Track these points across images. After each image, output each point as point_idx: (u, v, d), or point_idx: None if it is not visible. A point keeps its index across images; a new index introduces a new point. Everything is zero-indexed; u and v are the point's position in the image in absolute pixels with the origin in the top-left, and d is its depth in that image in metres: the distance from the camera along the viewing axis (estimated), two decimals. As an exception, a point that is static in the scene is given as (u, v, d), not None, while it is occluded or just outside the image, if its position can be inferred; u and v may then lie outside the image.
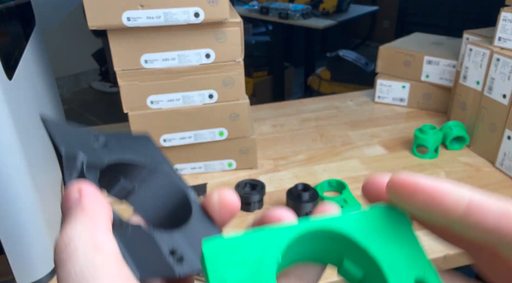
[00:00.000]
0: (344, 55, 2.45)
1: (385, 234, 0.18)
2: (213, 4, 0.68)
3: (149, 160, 0.22)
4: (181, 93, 0.75)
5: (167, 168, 0.23)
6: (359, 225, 0.18)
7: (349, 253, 0.19)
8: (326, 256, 0.20)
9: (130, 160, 0.22)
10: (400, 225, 0.19)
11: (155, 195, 0.23)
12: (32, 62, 0.73)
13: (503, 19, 0.81)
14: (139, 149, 0.23)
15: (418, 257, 0.18)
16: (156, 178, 0.23)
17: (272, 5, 2.42)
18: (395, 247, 0.18)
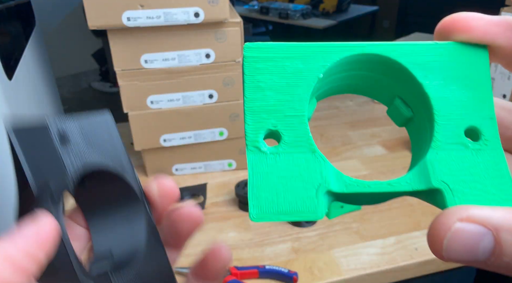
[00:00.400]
0: (344, 55, 2.44)
1: (452, 72, 0.16)
2: (213, 4, 0.68)
3: (113, 163, 0.20)
4: (181, 93, 0.75)
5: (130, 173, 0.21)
6: (424, 57, 0.16)
7: (403, 89, 0.17)
8: (378, 90, 0.19)
9: (96, 167, 0.20)
10: (475, 65, 0.16)
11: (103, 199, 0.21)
12: (32, 62, 0.73)
13: (503, 19, 0.81)
14: (101, 143, 0.20)
15: (481, 104, 0.16)
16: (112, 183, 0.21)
17: (272, 5, 2.42)
18: (458, 89, 0.16)
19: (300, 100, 0.16)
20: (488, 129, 0.16)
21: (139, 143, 0.78)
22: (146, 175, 0.83)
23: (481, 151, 0.16)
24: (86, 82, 3.09)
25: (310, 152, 0.16)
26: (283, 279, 0.58)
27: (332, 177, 0.16)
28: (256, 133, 0.16)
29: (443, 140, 0.16)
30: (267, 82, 0.16)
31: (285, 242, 0.65)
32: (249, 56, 0.16)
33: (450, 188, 0.15)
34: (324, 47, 0.16)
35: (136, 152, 0.89)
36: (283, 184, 0.15)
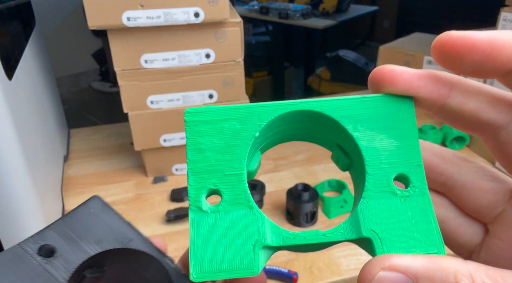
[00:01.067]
0: (344, 55, 2.44)
1: (381, 123, 0.17)
2: (213, 4, 0.68)
3: (113, 242, 0.19)
4: (181, 93, 0.75)
5: (137, 240, 0.20)
6: (353, 111, 0.17)
7: (339, 138, 0.18)
8: (319, 139, 0.20)
9: (93, 260, 0.19)
10: (402, 115, 0.17)
11: (129, 273, 0.20)
12: (32, 62, 0.73)
13: (503, 19, 0.81)
14: (96, 230, 0.19)
15: (408, 152, 0.17)
16: (127, 258, 0.20)
17: (272, 5, 2.41)
18: (387, 138, 0.17)
19: (238, 159, 0.17)
20: (416, 176, 0.16)
21: (139, 143, 0.78)
22: (146, 175, 0.83)
23: (409, 198, 0.16)
24: (86, 82, 3.09)
25: (248, 208, 0.16)
26: (283, 279, 0.58)
27: (269, 231, 0.16)
28: (198, 193, 0.16)
29: (373, 189, 0.16)
30: (207, 144, 0.17)
31: (285, 242, 0.65)
32: (190, 120, 0.17)
33: (379, 236, 0.16)
34: (259, 107, 0.17)
35: (136, 152, 0.89)
36: (222, 242, 0.16)
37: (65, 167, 0.87)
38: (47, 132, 0.74)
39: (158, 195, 0.78)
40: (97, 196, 0.21)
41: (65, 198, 0.77)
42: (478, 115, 0.17)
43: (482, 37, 0.15)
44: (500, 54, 0.15)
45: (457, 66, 0.16)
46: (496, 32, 0.15)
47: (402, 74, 0.17)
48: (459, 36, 0.15)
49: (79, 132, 1.03)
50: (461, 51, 0.15)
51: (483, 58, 0.15)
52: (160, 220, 0.71)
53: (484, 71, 0.15)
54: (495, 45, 0.15)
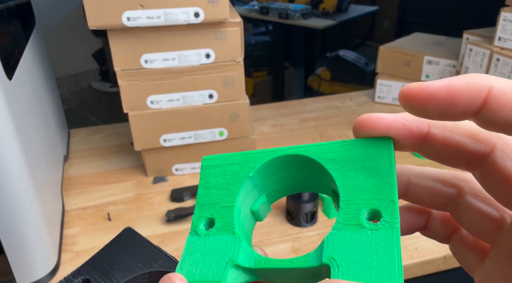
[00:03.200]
0: (344, 55, 2.44)
1: (360, 163, 0.18)
2: (213, 4, 0.68)
3: (142, 267, 0.22)
4: (181, 93, 0.75)
5: (164, 261, 0.23)
6: (334, 153, 0.19)
7: (331, 182, 0.20)
8: (315, 186, 0.21)
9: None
10: (380, 155, 0.18)
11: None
12: (32, 62, 0.73)
13: (503, 19, 0.81)
14: (127, 258, 0.22)
15: (384, 189, 0.18)
16: (158, 278, 0.22)
17: (272, 5, 2.41)
18: (364, 177, 0.18)
19: (233, 194, 0.20)
20: (388, 211, 0.17)
21: (139, 143, 0.78)
22: (146, 175, 0.83)
23: (377, 231, 0.17)
24: (86, 82, 3.09)
25: (231, 233, 0.19)
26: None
27: (243, 254, 0.18)
28: (198, 220, 0.20)
29: (342, 222, 0.17)
30: (213, 183, 0.21)
31: (285, 242, 0.65)
32: (204, 165, 0.21)
33: (337, 264, 0.16)
34: (256, 153, 0.20)
35: (136, 152, 0.89)
36: (204, 259, 0.19)
37: (65, 167, 0.87)
38: (47, 132, 0.74)
39: (158, 195, 0.78)
40: (128, 228, 0.24)
41: (65, 198, 0.77)
42: (458, 149, 0.17)
43: (439, 87, 0.15)
44: (459, 102, 0.15)
45: (424, 115, 0.16)
46: (453, 78, 0.15)
47: (380, 119, 0.18)
48: (417, 88, 0.16)
49: (79, 132, 1.03)
50: (423, 103, 0.16)
51: (444, 106, 0.15)
52: (160, 220, 0.71)
53: (450, 116, 0.16)
54: (452, 93, 0.15)
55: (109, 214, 0.72)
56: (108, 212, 0.73)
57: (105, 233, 0.68)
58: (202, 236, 0.19)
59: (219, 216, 0.20)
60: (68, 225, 0.71)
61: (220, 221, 0.20)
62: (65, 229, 0.70)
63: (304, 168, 0.20)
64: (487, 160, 0.17)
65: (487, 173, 0.17)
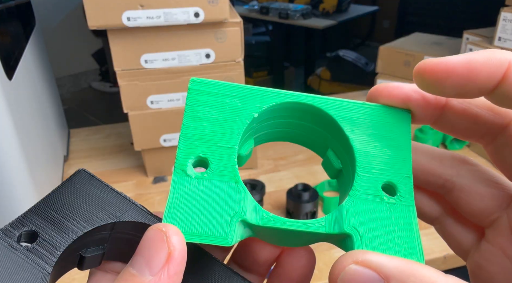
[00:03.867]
0: (344, 55, 2.44)
1: (377, 131, 0.18)
2: (213, 4, 0.68)
3: (105, 217, 0.17)
4: (181, 93, 0.75)
5: (131, 210, 0.18)
6: (353, 113, 0.18)
7: (333, 141, 0.19)
8: (313, 141, 0.20)
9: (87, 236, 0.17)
10: (398, 127, 0.18)
11: (132, 247, 0.17)
12: (32, 62, 0.73)
13: (503, 19, 0.81)
14: (84, 206, 0.17)
15: (401, 163, 0.17)
16: (123, 230, 0.18)
17: (272, 5, 2.41)
18: (381, 146, 0.17)
19: (233, 134, 0.17)
20: (404, 187, 0.17)
21: (139, 143, 0.78)
22: (146, 175, 0.83)
23: (395, 205, 0.17)
24: (86, 82, 3.09)
25: (234, 182, 0.16)
26: (283, 279, 0.58)
27: (249, 209, 0.16)
28: (185, 157, 0.17)
29: (361, 190, 0.17)
30: (205, 114, 0.17)
31: (285, 242, 0.65)
32: (193, 88, 0.18)
33: (360, 234, 0.16)
34: (262, 90, 0.18)
35: (136, 152, 0.89)
36: (200, 208, 0.16)
37: (65, 167, 0.87)
38: (47, 132, 0.74)
39: (158, 195, 0.78)
40: (82, 169, 0.18)
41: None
42: (476, 121, 0.17)
43: (458, 61, 0.15)
44: (478, 76, 0.15)
45: (440, 91, 0.16)
46: (472, 54, 0.15)
47: (398, 89, 0.18)
48: (436, 63, 0.15)
49: (79, 132, 1.03)
50: (441, 77, 0.15)
51: (462, 81, 0.15)
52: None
53: (466, 93, 0.16)
54: (472, 67, 0.15)
55: (109, 214, 0.72)
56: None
57: (105, 233, 0.68)
58: (193, 178, 0.16)
59: (215, 157, 0.17)
60: (68, 225, 0.71)
61: (217, 164, 0.17)
62: (65, 229, 0.70)
63: (311, 121, 0.19)
64: (504, 133, 0.17)
65: (502, 145, 0.17)
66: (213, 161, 0.17)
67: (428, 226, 0.71)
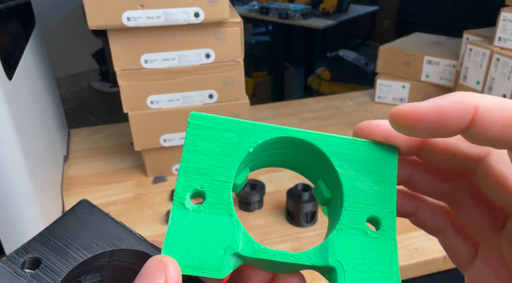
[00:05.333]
0: (344, 55, 2.44)
1: (365, 166, 0.18)
2: (213, 4, 0.68)
3: (104, 245, 0.19)
4: (181, 93, 0.75)
5: (128, 239, 0.19)
6: (342, 149, 0.19)
7: (324, 172, 0.20)
8: (305, 169, 0.21)
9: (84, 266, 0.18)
10: (385, 162, 0.18)
11: (128, 274, 0.19)
12: (32, 62, 0.73)
13: (503, 19, 0.81)
14: (84, 235, 0.19)
15: (385, 198, 0.18)
16: (120, 258, 0.19)
17: (272, 5, 2.41)
18: (368, 181, 0.18)
19: (229, 168, 0.18)
20: (388, 221, 0.18)
21: (139, 143, 0.78)
22: (146, 175, 0.83)
23: (378, 239, 0.17)
24: (86, 82, 3.09)
25: (228, 215, 0.17)
26: (283, 279, 0.58)
27: (242, 241, 0.17)
28: (184, 190, 0.17)
29: (346, 224, 0.18)
30: (203, 148, 0.18)
31: (285, 242, 0.65)
32: (192, 123, 0.18)
33: (343, 268, 0.17)
34: (258, 126, 0.18)
35: (136, 152, 0.89)
36: (196, 241, 0.17)
37: (65, 167, 0.87)
38: (47, 132, 0.74)
39: (158, 195, 0.78)
40: (84, 200, 0.20)
41: (65, 198, 0.77)
42: (455, 152, 0.18)
43: (428, 108, 0.16)
44: (448, 121, 0.15)
45: (415, 135, 0.17)
46: (441, 99, 0.16)
47: (378, 127, 0.19)
48: (407, 111, 0.16)
49: (79, 132, 1.03)
50: (413, 124, 0.16)
51: (434, 126, 0.16)
52: (160, 220, 0.71)
53: (440, 135, 0.16)
54: (441, 113, 0.15)
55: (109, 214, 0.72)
56: (108, 212, 0.73)
57: (105, 233, 0.68)
58: (191, 211, 0.17)
59: (212, 190, 0.17)
60: (68, 225, 0.71)
61: (213, 197, 0.17)
62: (65, 229, 0.70)
63: (303, 153, 0.20)
64: (483, 163, 0.17)
65: (483, 176, 0.17)
66: (209, 194, 0.17)
67: (428, 226, 0.68)
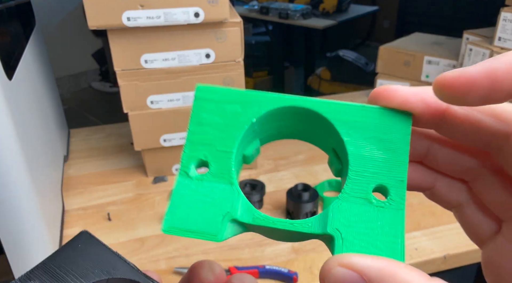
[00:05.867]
0: (344, 55, 2.44)
1: (375, 134, 0.17)
2: (213, 4, 0.68)
3: (99, 273, 0.20)
4: (181, 93, 0.75)
5: (123, 268, 0.21)
6: (350, 116, 0.18)
7: (334, 142, 0.19)
8: (317, 140, 0.21)
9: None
10: (397, 129, 0.17)
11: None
12: (32, 62, 0.73)
13: (503, 19, 0.81)
14: (82, 263, 0.20)
15: (395, 167, 0.17)
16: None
17: (272, 5, 2.41)
18: (377, 149, 0.17)
19: (232, 139, 0.18)
20: (396, 191, 0.17)
21: (139, 143, 0.78)
22: (146, 175, 0.83)
23: (383, 209, 0.16)
24: (86, 82, 3.09)
25: (229, 184, 0.18)
26: (283, 279, 0.58)
27: (242, 209, 0.18)
28: (189, 160, 0.18)
29: (349, 193, 0.17)
30: (208, 120, 0.19)
31: (285, 242, 0.65)
32: (198, 96, 0.19)
33: (342, 236, 0.16)
34: (261, 95, 0.19)
35: (136, 152, 0.89)
36: (197, 207, 0.17)
37: (65, 167, 0.87)
38: (47, 132, 0.74)
39: (158, 195, 0.78)
40: (84, 231, 0.22)
41: (65, 198, 0.77)
42: (478, 127, 0.16)
43: (479, 72, 0.14)
44: (502, 86, 0.14)
45: (465, 103, 0.15)
46: (493, 61, 0.14)
47: (397, 92, 0.17)
48: (456, 77, 0.15)
49: (79, 132, 1.03)
50: (462, 91, 0.15)
51: (486, 92, 0.14)
52: (160, 220, 0.71)
53: (493, 101, 0.15)
54: (494, 77, 0.14)
55: (109, 214, 0.72)
56: (108, 212, 0.73)
57: (105, 233, 0.68)
58: (194, 180, 0.18)
59: (215, 160, 0.18)
60: (68, 225, 0.71)
61: (216, 167, 0.18)
62: (65, 229, 0.70)
63: (311, 123, 0.19)
64: (509, 141, 0.16)
65: (509, 155, 0.16)
66: (212, 164, 0.18)
67: (428, 226, 0.70)
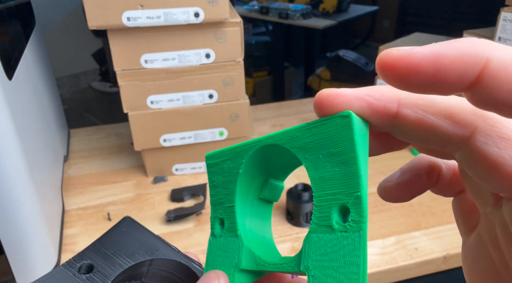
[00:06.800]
0: (344, 55, 2.44)
1: (325, 150, 0.16)
2: (213, 4, 0.68)
3: (144, 254, 0.22)
4: (181, 93, 0.75)
5: (165, 249, 0.23)
6: (302, 140, 0.17)
7: None
8: None
9: (126, 271, 0.22)
10: (341, 138, 0.16)
11: (161, 279, 0.23)
12: (32, 62, 0.73)
13: (503, 19, 0.81)
14: (128, 245, 0.23)
15: (350, 180, 0.15)
16: (158, 266, 0.23)
17: (272, 5, 2.41)
18: (331, 166, 0.16)
19: (232, 194, 0.20)
20: (355, 208, 0.15)
21: (139, 143, 0.78)
22: (146, 175, 0.83)
23: (346, 234, 0.15)
24: (86, 82, 3.09)
25: (235, 236, 0.19)
26: (283, 279, 0.58)
27: (245, 257, 0.19)
28: (214, 221, 0.21)
29: (316, 222, 0.16)
30: (217, 181, 0.21)
31: (285, 242, 0.65)
32: (208, 163, 0.21)
33: (311, 274, 0.16)
34: (242, 146, 0.19)
35: (136, 152, 0.89)
36: (219, 262, 0.20)
37: (65, 167, 0.87)
38: (47, 132, 0.74)
39: (158, 195, 0.78)
40: (128, 217, 0.24)
41: (65, 198, 0.77)
42: (433, 131, 0.15)
43: (424, 56, 0.12)
44: (448, 76, 0.12)
45: (404, 87, 0.13)
46: (444, 45, 0.12)
47: (340, 96, 0.15)
48: (399, 57, 0.13)
49: (79, 132, 1.03)
50: (404, 74, 0.13)
51: (430, 80, 0.13)
52: (160, 220, 0.71)
53: (435, 91, 0.13)
54: (440, 65, 0.12)
55: (109, 214, 0.72)
56: (108, 212, 0.73)
57: (105, 233, 0.68)
58: (217, 237, 0.20)
59: (226, 216, 0.20)
60: (68, 225, 0.71)
61: (227, 222, 0.20)
62: (65, 229, 0.70)
63: (287, 154, 0.18)
64: (467, 145, 0.14)
65: (467, 159, 0.14)
66: (226, 220, 0.20)
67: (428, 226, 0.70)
